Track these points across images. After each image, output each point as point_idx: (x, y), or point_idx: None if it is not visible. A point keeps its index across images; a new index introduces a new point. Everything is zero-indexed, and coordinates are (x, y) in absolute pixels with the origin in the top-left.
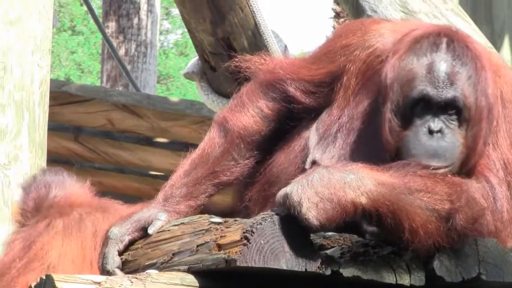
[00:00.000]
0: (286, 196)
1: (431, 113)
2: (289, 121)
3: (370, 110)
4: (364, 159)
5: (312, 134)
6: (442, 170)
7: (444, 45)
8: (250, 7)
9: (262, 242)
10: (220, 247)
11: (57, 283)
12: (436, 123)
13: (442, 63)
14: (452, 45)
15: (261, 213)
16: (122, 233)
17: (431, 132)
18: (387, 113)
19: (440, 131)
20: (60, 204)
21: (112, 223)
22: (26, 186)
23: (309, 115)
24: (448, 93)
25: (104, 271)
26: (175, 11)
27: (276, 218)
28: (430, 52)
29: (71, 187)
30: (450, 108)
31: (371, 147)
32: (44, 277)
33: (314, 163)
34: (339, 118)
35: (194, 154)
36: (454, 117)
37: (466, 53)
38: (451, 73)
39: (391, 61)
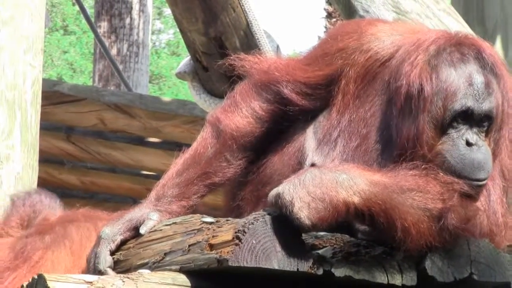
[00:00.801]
0: (278, 196)
1: (467, 125)
2: (283, 122)
3: (371, 114)
4: (366, 162)
5: (309, 138)
6: (484, 182)
7: (472, 55)
8: (242, 7)
9: (254, 242)
10: (212, 247)
11: (49, 283)
12: (472, 135)
13: (478, 74)
14: (479, 54)
15: (253, 213)
16: (114, 232)
17: (469, 144)
18: (425, 125)
19: (475, 143)
20: (49, 223)
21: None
22: (18, 199)
23: (305, 117)
24: (486, 105)
25: (96, 271)
26: (167, 11)
27: (268, 218)
28: (464, 63)
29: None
30: (485, 119)
31: (375, 151)
32: (36, 277)
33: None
34: (339, 123)
35: (187, 154)
36: (485, 128)
37: (492, 61)
38: (487, 84)
39: (417, 71)
